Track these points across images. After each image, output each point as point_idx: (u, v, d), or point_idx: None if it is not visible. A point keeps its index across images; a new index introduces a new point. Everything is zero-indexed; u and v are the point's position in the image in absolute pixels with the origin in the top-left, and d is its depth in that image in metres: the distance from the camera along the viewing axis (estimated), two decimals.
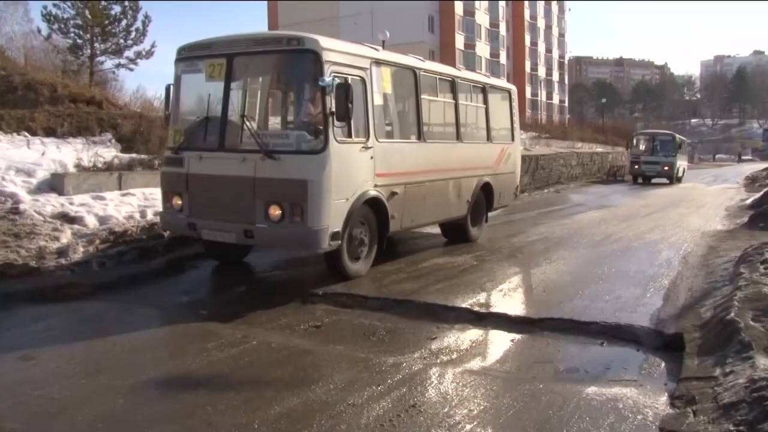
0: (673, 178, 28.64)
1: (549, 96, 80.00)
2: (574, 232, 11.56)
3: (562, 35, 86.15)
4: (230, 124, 7.03)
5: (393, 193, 7.70)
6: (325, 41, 6.74)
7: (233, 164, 6.77)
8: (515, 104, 11.73)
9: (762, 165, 42.39)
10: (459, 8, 58.61)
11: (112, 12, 21.10)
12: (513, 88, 12.14)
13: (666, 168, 28.32)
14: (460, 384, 4.50)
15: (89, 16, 20.50)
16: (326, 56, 6.64)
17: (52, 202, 9.40)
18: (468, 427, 3.83)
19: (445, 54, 57.62)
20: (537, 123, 50.01)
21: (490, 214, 10.94)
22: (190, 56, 7.42)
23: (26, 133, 11.88)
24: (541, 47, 78.01)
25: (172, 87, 7.60)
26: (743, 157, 72.76)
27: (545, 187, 21.60)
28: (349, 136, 6.90)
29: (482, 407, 4.13)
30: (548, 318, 5.92)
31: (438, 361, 4.97)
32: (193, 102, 7.71)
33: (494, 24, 65.23)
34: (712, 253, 8.98)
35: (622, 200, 18.28)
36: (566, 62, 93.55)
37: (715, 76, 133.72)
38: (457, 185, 9.44)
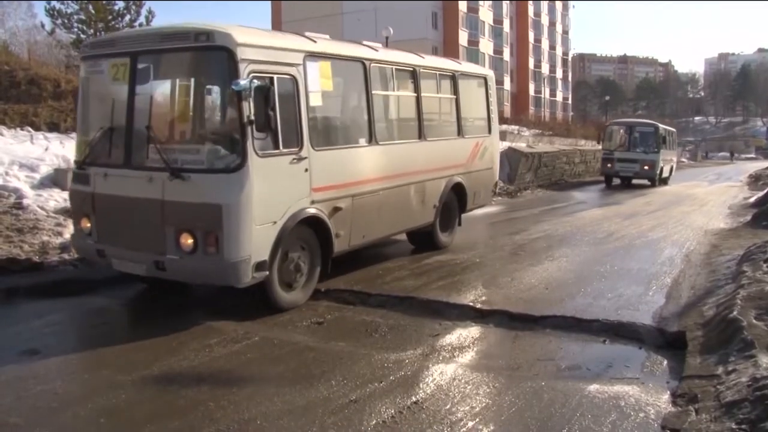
0: (656, 180, 23.42)
1: (552, 93, 79.78)
2: (576, 230, 11.54)
3: (565, 32, 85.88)
4: (136, 137, 5.90)
5: (336, 209, 6.66)
6: (241, 35, 5.64)
7: (140, 184, 5.73)
8: (492, 91, 10.65)
9: (765, 163, 42.29)
10: (462, 5, 58.43)
11: (116, 7, 21.14)
12: (489, 73, 10.95)
13: (646, 167, 22.90)
14: (462, 381, 4.50)
15: (93, 12, 20.55)
16: (242, 53, 5.56)
17: (55, 197, 9.43)
18: (470, 424, 3.83)
19: (449, 51, 57.52)
20: (540, 120, 49.95)
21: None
22: (93, 55, 6.39)
23: (30, 129, 11.92)
24: (545, 44, 77.78)
25: (79, 91, 6.68)
26: (745, 155, 72.55)
27: (548, 184, 21.56)
28: (276, 147, 5.84)
29: (484, 404, 4.13)
30: (550, 315, 5.92)
31: (440, 358, 4.97)
32: (99, 109, 6.45)
33: (498, 21, 65.04)
34: (715, 251, 8.96)
35: (625, 198, 18.23)
36: (570, 59, 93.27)
37: (719, 74, 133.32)
38: (421, 190, 8.39)
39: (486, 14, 62.31)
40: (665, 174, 24.79)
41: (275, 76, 5.90)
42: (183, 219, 5.58)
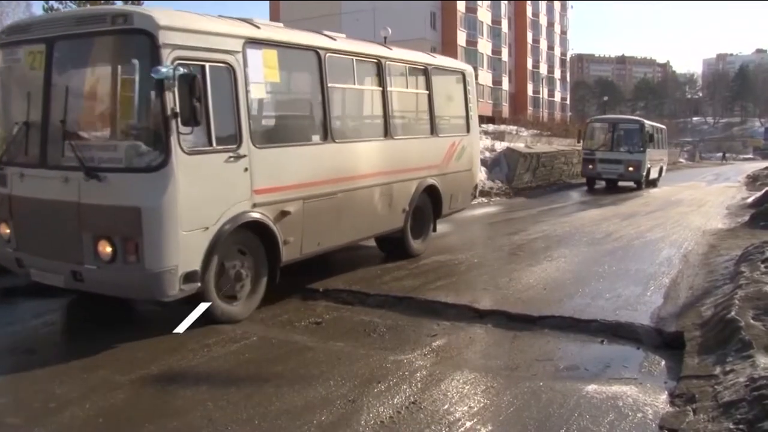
0: (642, 182, 21.37)
1: (551, 93, 79.80)
2: (575, 230, 11.55)
3: (564, 32, 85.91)
4: (51, 132, 5.36)
5: (284, 213, 6.05)
6: (165, 17, 5.05)
7: (55, 185, 5.20)
8: (471, 88, 9.89)
9: (763, 164, 42.33)
10: (461, 5, 58.40)
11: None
12: (467, 68, 10.12)
13: (631, 168, 20.89)
14: (461, 381, 4.50)
15: None
16: (165, 38, 4.96)
17: None
18: (468, 424, 3.83)
19: (447, 51, 57.38)
20: (538, 120, 49.99)
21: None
22: (10, 42, 5.81)
23: None
24: (543, 44, 77.78)
25: None
26: (743, 156, 72.60)
27: (547, 184, 21.57)
28: (209, 143, 5.30)
29: (482, 404, 4.13)
30: (549, 316, 5.92)
31: (438, 358, 4.98)
32: (18, 101, 5.80)
33: (496, 21, 65.02)
34: (713, 251, 8.97)
35: (623, 199, 18.24)
36: (568, 60, 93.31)
37: (717, 75, 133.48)
38: (387, 192, 7.74)
39: (484, 14, 62.31)
40: (653, 175, 23.02)
41: (207, 65, 5.30)
42: (100, 224, 5.03)
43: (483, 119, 50.98)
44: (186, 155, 5.05)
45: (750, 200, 16.73)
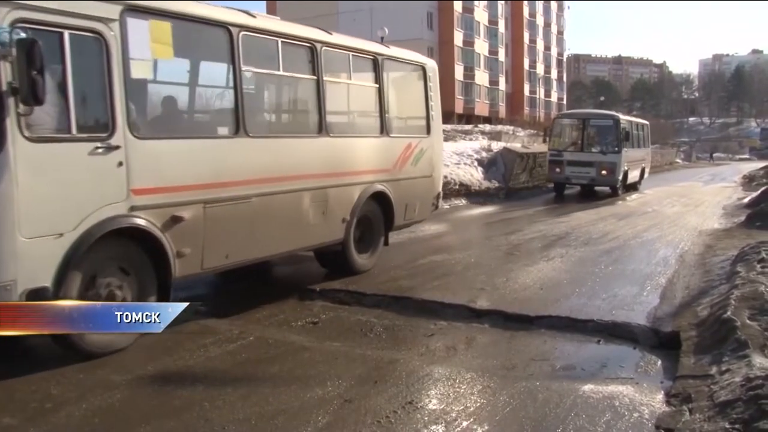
0: (618, 187, 18.58)
1: (547, 94, 79.86)
2: (571, 230, 11.56)
3: (560, 33, 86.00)
4: None
5: (176, 218, 5.07)
6: None
7: None
8: (434, 84, 8.77)
9: (759, 164, 42.43)
10: (458, 5, 58.43)
11: None
12: (429, 63, 8.98)
13: (604, 171, 18.00)
14: (457, 381, 4.50)
15: None
16: None
17: None
18: (464, 424, 3.83)
19: (444, 51, 57.56)
20: (535, 120, 50.04)
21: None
22: None
23: None
24: (540, 45, 77.87)
25: None
26: (739, 156, 72.73)
27: (543, 184, 21.59)
28: (66, 130, 4.37)
29: (479, 404, 4.13)
30: (545, 316, 5.93)
31: (435, 358, 4.98)
32: None
33: (493, 21, 65.06)
34: (709, 251, 8.99)
35: (619, 198, 18.27)
36: (565, 60, 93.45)
37: (714, 75, 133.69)
38: (321, 199, 6.72)
39: (481, 15, 62.33)
40: (633, 178, 20.26)
41: (66, 32, 4.35)
42: None
43: (480, 119, 51.31)
44: (29, 142, 4.12)
45: (746, 200, 16.78)
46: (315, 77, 6.70)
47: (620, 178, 18.45)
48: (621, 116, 19.70)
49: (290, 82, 6.93)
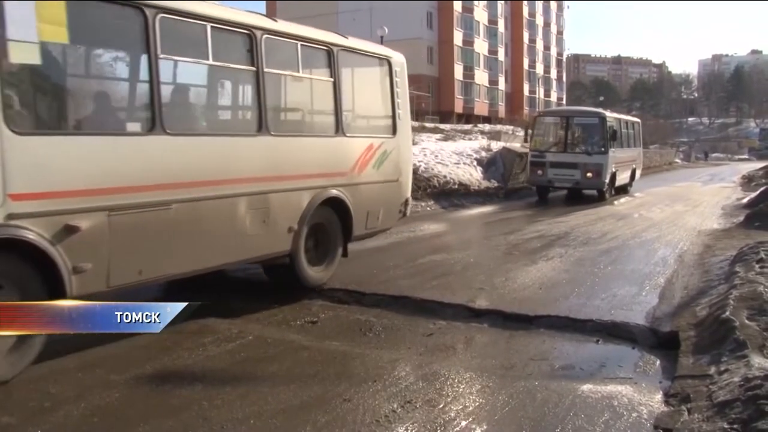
0: (605, 191, 17.33)
1: (547, 93, 79.89)
2: (570, 230, 11.57)
3: (560, 33, 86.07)
4: None
5: (71, 228, 4.33)
6: None
7: None
8: (402, 80, 7.89)
9: (758, 164, 42.46)
10: (457, 5, 58.48)
11: None
12: (395, 56, 7.91)
13: (589, 174, 16.73)
14: (456, 380, 4.51)
15: None
16: None
17: None
18: (463, 423, 3.83)
19: (444, 50, 57.61)
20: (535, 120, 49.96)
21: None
22: None
23: None
24: (540, 44, 77.92)
25: None
26: (738, 156, 72.75)
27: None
28: None
29: (477, 404, 4.14)
30: (544, 315, 5.93)
31: (434, 357, 4.98)
32: None
33: (493, 21, 65.10)
34: (708, 251, 9.00)
35: (617, 198, 18.28)
36: (564, 60, 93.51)
37: (713, 75, 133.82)
38: (260, 205, 5.89)
39: (481, 14, 62.37)
40: (622, 181, 18.89)
41: None
42: None
43: (479, 119, 51.33)
44: None
45: (745, 201, 16.80)
46: (254, 68, 5.87)
47: (607, 180, 17.22)
48: (607, 113, 18.39)
49: (224, 73, 6.16)
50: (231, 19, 5.71)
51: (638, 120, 23.31)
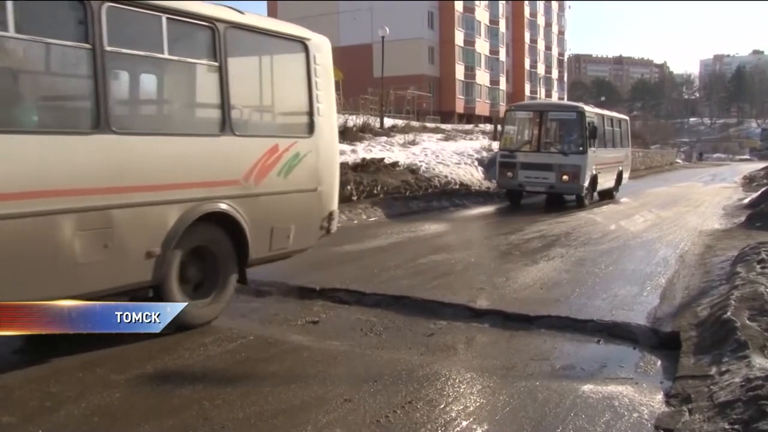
0: (583, 196, 15.25)
1: (548, 94, 79.82)
2: (571, 230, 11.56)
3: (561, 33, 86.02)
4: None
5: None
6: None
7: None
8: (322, 67, 6.43)
9: (760, 164, 42.44)
10: (459, 5, 58.46)
11: None
12: (315, 38, 6.45)
13: (566, 177, 14.75)
14: (457, 381, 4.50)
15: None
16: None
17: None
18: (464, 423, 3.83)
19: (445, 50, 57.58)
20: None
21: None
22: None
23: None
24: (541, 44, 77.88)
25: None
26: (739, 156, 72.73)
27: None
28: None
29: (478, 404, 4.13)
30: (545, 315, 5.93)
31: (435, 357, 4.97)
32: None
33: (494, 21, 65.08)
34: (709, 252, 9.00)
35: (618, 198, 18.27)
36: (566, 60, 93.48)
37: (714, 76, 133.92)
38: (97, 224, 4.55)
39: (482, 14, 62.35)
40: (605, 185, 16.73)
41: None
42: None
43: (480, 119, 51.31)
44: None
45: (746, 201, 16.80)
46: (88, 46, 4.43)
47: (586, 184, 15.15)
48: (587, 108, 15.98)
49: (35, 52, 4.56)
50: None
51: (626, 117, 21.14)
